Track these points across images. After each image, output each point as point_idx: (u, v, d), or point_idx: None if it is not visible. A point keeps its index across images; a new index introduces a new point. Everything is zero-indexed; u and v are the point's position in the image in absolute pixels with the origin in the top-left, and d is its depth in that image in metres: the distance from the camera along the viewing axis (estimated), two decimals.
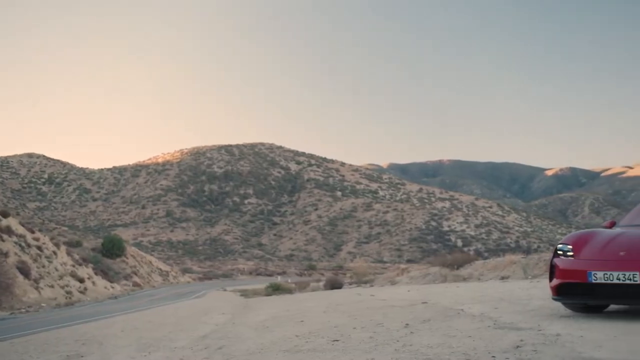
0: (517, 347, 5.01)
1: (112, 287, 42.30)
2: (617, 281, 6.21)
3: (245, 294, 29.46)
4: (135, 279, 51.83)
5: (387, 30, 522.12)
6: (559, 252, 6.98)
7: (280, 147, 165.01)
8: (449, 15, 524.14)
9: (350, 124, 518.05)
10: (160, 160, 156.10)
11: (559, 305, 7.65)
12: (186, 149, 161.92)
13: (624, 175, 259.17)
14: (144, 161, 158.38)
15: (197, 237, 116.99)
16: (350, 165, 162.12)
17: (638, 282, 6.10)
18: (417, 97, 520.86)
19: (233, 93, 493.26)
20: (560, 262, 6.85)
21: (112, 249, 54.08)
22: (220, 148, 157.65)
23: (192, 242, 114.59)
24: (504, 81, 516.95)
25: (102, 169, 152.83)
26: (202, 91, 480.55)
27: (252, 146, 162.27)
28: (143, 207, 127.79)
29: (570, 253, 6.83)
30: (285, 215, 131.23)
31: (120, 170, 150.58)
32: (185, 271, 74.59)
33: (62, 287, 33.20)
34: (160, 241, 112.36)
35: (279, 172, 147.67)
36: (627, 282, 6.15)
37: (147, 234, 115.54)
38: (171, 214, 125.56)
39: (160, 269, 63.96)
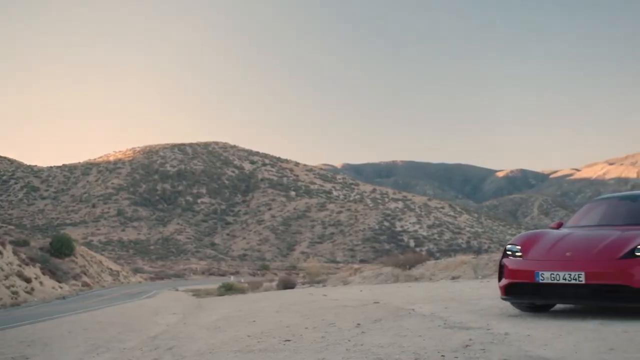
0: (466, 346, 5.08)
1: (61, 287, 41.42)
2: (564, 281, 6.34)
3: (197, 294, 29.21)
4: (85, 279, 50.87)
5: (342, 31, 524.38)
6: (507, 252, 7.10)
7: (234, 147, 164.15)
8: (402, 15, 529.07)
9: (305, 124, 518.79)
10: (111, 158, 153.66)
11: (507, 304, 7.78)
12: (138, 147, 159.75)
13: (572, 177, 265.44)
14: (95, 159, 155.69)
15: (149, 237, 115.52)
16: (305, 165, 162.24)
17: (583, 282, 6.24)
18: (372, 98, 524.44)
19: (187, 92, 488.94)
20: (509, 262, 6.97)
21: (61, 248, 52.94)
22: (173, 147, 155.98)
23: (143, 241, 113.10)
24: (456, 83, 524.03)
25: (51, 167, 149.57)
26: (155, 89, 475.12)
27: (206, 145, 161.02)
28: (93, 206, 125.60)
29: (519, 253, 6.95)
30: (239, 215, 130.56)
31: (70, 169, 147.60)
32: (136, 271, 73.55)
33: (8, 288, 32.36)
34: (111, 240, 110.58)
35: (233, 172, 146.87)
36: (573, 282, 6.29)
37: (97, 233, 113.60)
38: (122, 213, 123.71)
39: (111, 269, 62.94)
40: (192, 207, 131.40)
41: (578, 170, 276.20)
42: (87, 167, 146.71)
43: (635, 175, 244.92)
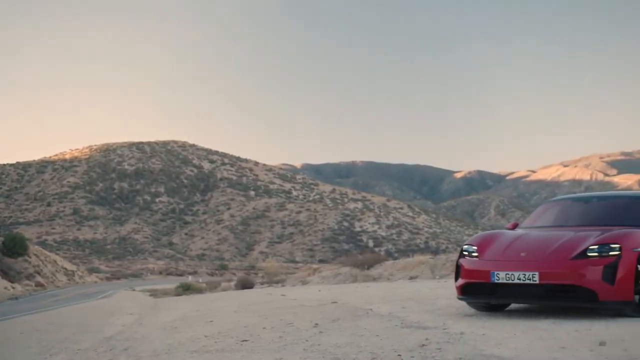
0: (423, 345, 5.12)
1: (13, 288, 40.53)
2: (518, 281, 6.45)
3: (154, 294, 28.89)
4: (39, 278, 49.87)
5: (302, 31, 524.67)
6: (464, 252, 7.19)
7: (193, 146, 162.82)
8: (361, 14, 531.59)
9: (265, 123, 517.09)
10: (67, 156, 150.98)
11: (464, 304, 7.87)
12: (95, 145, 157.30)
13: (528, 179, 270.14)
14: (50, 157, 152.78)
15: (106, 236, 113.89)
16: (264, 164, 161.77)
17: (537, 282, 6.35)
18: (332, 98, 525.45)
19: (145, 90, 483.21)
20: (465, 262, 7.06)
21: (14, 247, 51.78)
22: (131, 145, 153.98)
23: (100, 241, 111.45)
24: (416, 84, 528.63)
25: (4, 165, 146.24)
26: (114, 87, 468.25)
27: (165, 144, 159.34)
28: (48, 205, 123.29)
29: (475, 254, 7.04)
30: (197, 215, 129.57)
31: (24, 166, 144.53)
32: (92, 271, 72.37)
33: None
34: (66, 240, 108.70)
35: (192, 171, 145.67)
36: (528, 282, 6.40)
37: (52, 232, 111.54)
38: (78, 211, 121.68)
39: (66, 269, 61.83)
40: (150, 206, 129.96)
41: (534, 171, 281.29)
42: (42, 165, 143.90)
43: (588, 177, 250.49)
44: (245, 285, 23.11)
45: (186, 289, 28.22)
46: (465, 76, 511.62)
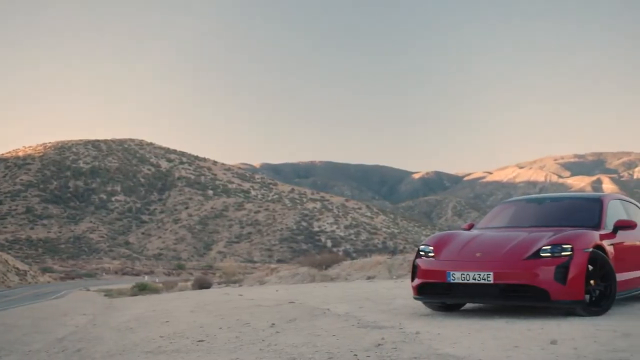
0: (379, 345, 5.15)
1: None
2: (474, 281, 6.53)
3: (109, 294, 28.48)
4: None
5: (260, 30, 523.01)
6: (421, 253, 7.25)
7: (150, 144, 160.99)
8: (320, 13, 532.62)
9: (224, 123, 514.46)
10: (21, 153, 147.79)
11: (420, 304, 7.94)
12: (50, 142, 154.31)
13: (485, 180, 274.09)
14: (2, 154, 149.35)
15: (60, 235, 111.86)
16: (223, 164, 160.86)
17: (492, 281, 6.44)
18: (291, 98, 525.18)
19: (101, 86, 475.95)
20: (421, 262, 7.12)
21: None
22: (87, 143, 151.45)
23: (53, 240, 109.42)
24: (375, 85, 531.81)
25: None
26: (69, 83, 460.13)
27: (121, 142, 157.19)
28: (0, 203, 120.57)
29: (432, 254, 7.11)
30: (155, 214, 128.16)
31: None
32: (45, 270, 71.01)
33: None
34: (18, 239, 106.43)
35: (149, 170, 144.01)
36: (482, 281, 6.48)
37: (4, 231, 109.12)
38: (31, 210, 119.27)
39: (18, 269, 60.52)
40: (106, 205, 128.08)
41: (490, 173, 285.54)
42: None
43: (543, 178, 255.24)
44: (202, 285, 22.93)
45: (142, 289, 27.90)
46: (424, 78, 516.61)
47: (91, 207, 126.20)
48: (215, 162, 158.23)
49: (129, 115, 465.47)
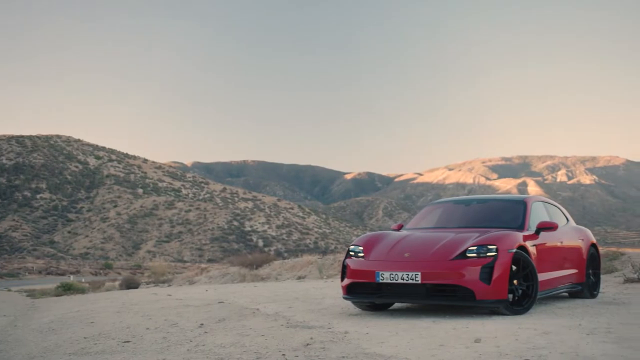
0: (307, 344, 5.16)
1: None
2: (402, 281, 6.62)
3: (32, 294, 27.57)
4: None
5: (193, 27, 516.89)
6: (350, 253, 7.30)
7: (78, 141, 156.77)
8: (255, 11, 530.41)
9: (155, 120, 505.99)
10: None
11: (349, 304, 8.00)
12: None
13: (415, 181, 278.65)
14: None
15: None
16: (154, 162, 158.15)
17: (419, 281, 6.55)
18: (224, 97, 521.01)
19: (28, 81, 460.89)
20: (351, 262, 7.17)
21: None
22: (10, 138, 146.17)
23: None
24: (308, 85, 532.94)
25: None
26: None
27: (47, 138, 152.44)
28: None
29: (361, 254, 7.17)
30: (82, 212, 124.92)
31: None
32: None
33: None
34: None
35: (76, 167, 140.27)
36: (410, 281, 6.58)
37: None
38: None
39: None
40: (30, 203, 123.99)
41: (421, 174, 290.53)
42: None
43: (471, 180, 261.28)
44: (130, 285, 22.52)
45: (67, 289, 27.08)
46: (356, 78, 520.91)
47: (14, 205, 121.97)
48: (145, 160, 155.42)
49: (56, 111, 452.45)
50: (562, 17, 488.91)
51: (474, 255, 6.54)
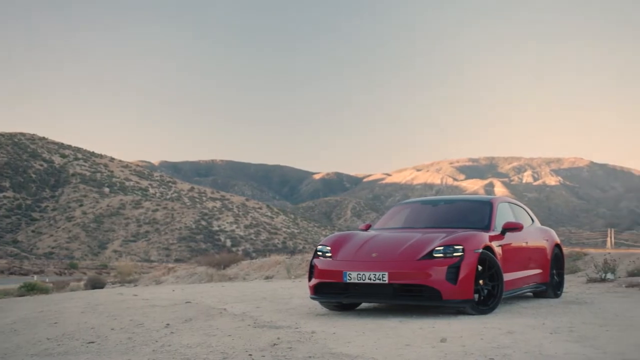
0: (274, 344, 5.15)
1: None
2: (369, 281, 6.65)
3: None
4: None
5: (163, 26, 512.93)
6: (318, 253, 7.31)
7: (43, 139, 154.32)
8: (222, 11, 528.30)
9: (122, 118, 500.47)
10: None
11: (317, 304, 8.01)
12: None
13: (384, 181, 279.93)
14: None
15: None
16: (120, 161, 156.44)
17: (387, 281, 6.58)
18: (192, 96, 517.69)
19: None
20: (319, 262, 7.18)
21: None
22: None
23: None
24: (276, 85, 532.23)
25: None
26: None
27: (11, 136, 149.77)
28: None
29: (329, 254, 7.18)
30: (46, 211, 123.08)
31: None
32: None
33: None
34: None
35: (41, 165, 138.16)
36: (378, 281, 6.61)
37: None
38: None
39: None
40: None
41: (389, 175, 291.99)
42: None
43: (439, 181, 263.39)
44: (95, 285, 22.26)
45: (30, 289, 26.62)
46: (325, 78, 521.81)
47: None
48: (112, 159, 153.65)
49: (21, 109, 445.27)
50: (525, 18, 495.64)
51: (441, 255, 6.59)
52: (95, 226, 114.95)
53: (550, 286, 8.74)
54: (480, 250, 6.72)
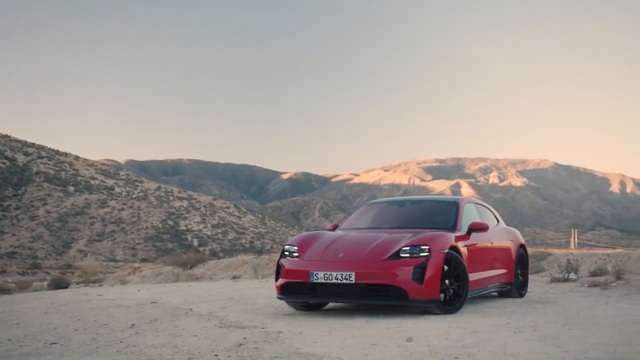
0: (240, 345, 5.13)
1: None
2: (336, 281, 6.66)
3: None
4: None
5: (134, 25, 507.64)
6: (285, 252, 7.30)
7: (5, 137, 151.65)
8: (194, 9, 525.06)
9: (87, 117, 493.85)
10: None
11: (283, 304, 8.00)
12: None
13: (351, 181, 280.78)
14: None
15: None
16: (86, 159, 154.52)
17: (354, 281, 6.60)
18: (158, 93, 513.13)
19: None
20: (286, 262, 7.17)
21: None
22: None
23: None
24: (242, 84, 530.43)
25: None
26: None
27: None
28: None
29: (296, 254, 7.18)
30: (9, 210, 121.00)
31: None
32: None
33: None
34: None
35: (4, 163, 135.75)
36: (345, 281, 6.63)
37: None
38: None
39: None
40: None
41: (357, 175, 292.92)
42: None
43: (407, 181, 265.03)
44: (59, 285, 21.96)
45: None
46: (293, 78, 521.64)
47: None
48: (77, 157, 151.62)
49: None
50: (493, 20, 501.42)
51: (407, 255, 6.63)
52: (59, 225, 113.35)
53: (514, 286, 8.85)
54: (446, 251, 6.78)
